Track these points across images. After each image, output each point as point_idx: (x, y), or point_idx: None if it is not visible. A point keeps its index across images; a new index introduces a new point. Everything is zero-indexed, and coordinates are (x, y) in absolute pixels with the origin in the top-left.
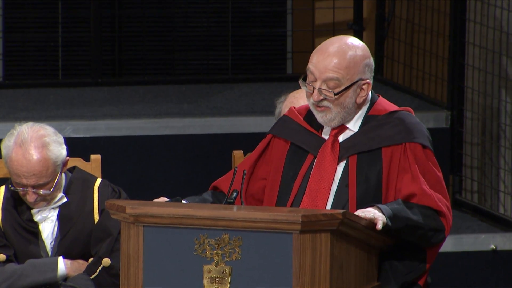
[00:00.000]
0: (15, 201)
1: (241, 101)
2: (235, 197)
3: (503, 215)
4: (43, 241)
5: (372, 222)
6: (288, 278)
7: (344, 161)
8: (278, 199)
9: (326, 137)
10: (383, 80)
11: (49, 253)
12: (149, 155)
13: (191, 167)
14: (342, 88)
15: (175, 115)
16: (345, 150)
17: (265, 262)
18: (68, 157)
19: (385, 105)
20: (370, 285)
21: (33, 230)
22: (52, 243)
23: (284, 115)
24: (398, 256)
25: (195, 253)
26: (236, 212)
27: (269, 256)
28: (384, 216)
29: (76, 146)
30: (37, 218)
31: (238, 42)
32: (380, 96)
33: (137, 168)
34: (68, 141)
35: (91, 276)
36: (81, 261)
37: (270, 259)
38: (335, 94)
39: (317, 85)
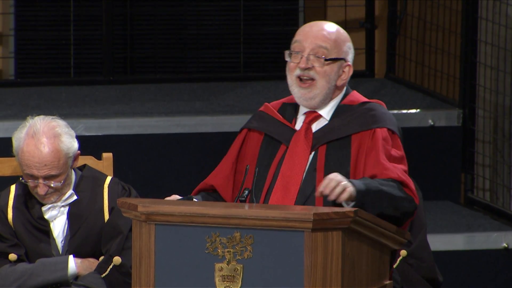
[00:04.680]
0: (26, 200)
1: (253, 99)
2: (247, 195)
3: None
4: (54, 240)
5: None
6: (299, 276)
7: (316, 150)
8: (254, 186)
9: (299, 128)
10: (395, 78)
11: (60, 251)
12: (161, 153)
13: (202, 165)
14: (331, 57)
15: (187, 113)
16: (317, 139)
17: (276, 260)
18: (79, 151)
19: (358, 97)
20: (382, 284)
21: (44, 229)
22: (63, 242)
23: (259, 110)
24: None
25: (206, 251)
26: (247, 210)
27: (280, 255)
28: (353, 188)
29: (88, 144)
30: (47, 216)
31: (250, 40)
32: (354, 90)
33: (149, 166)
34: (80, 139)
35: (102, 274)
36: (91, 260)
37: (281, 258)
38: (325, 60)
39: (306, 53)
